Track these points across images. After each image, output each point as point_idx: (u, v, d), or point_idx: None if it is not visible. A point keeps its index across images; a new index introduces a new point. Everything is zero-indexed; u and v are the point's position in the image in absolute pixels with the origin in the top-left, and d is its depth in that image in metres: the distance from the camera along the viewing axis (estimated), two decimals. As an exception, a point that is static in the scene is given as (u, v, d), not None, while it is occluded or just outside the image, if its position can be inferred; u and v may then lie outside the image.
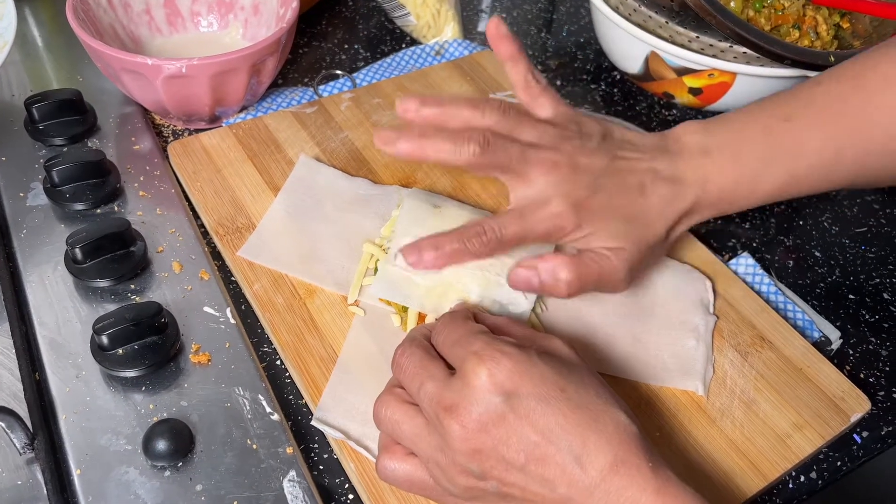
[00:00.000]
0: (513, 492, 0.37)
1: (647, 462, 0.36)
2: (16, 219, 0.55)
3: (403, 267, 0.48)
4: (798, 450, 0.46)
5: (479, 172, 0.47)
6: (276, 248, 0.54)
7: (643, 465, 0.36)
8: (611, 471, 0.36)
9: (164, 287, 0.51)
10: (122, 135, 0.61)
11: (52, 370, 0.46)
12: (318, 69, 0.73)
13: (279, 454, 0.44)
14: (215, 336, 0.49)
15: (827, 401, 0.49)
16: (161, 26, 0.67)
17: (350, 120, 0.64)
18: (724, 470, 0.45)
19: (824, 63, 0.60)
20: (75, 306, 0.50)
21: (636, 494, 0.35)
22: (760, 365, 0.50)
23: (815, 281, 0.59)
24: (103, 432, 0.44)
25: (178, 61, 0.55)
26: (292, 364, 0.48)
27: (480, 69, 0.71)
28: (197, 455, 0.43)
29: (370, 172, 0.60)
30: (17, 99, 0.63)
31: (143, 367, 0.46)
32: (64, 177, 0.54)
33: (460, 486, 0.38)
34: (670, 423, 0.47)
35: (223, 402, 0.46)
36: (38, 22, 0.72)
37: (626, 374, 0.49)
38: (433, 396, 0.38)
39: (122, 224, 0.51)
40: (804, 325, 0.55)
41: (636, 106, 0.73)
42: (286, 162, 0.60)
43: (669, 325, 0.52)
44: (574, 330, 0.51)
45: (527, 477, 0.37)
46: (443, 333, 0.42)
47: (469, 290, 0.49)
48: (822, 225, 0.64)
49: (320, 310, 0.51)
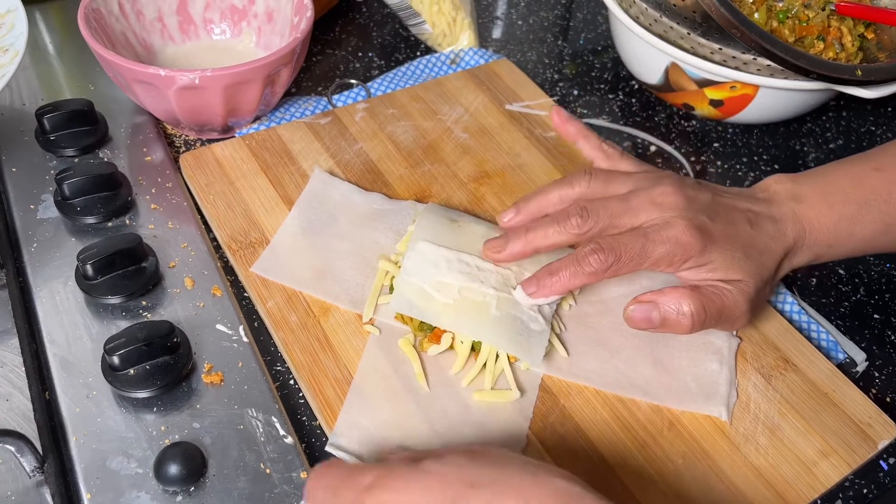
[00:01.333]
0: None
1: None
2: (26, 232, 0.54)
3: (521, 300, 0.48)
4: (825, 478, 0.45)
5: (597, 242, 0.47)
6: (289, 264, 0.53)
7: None
8: None
9: (175, 303, 0.50)
10: (133, 145, 0.61)
11: (62, 390, 0.46)
12: (332, 77, 0.72)
13: (293, 479, 0.43)
14: (228, 355, 0.48)
15: (853, 427, 0.48)
16: (173, 34, 0.66)
17: (365, 131, 0.63)
18: (748, 499, 0.44)
19: (850, 77, 0.58)
20: (86, 323, 0.49)
21: None
22: (785, 389, 0.49)
23: (838, 300, 0.58)
24: (114, 455, 0.43)
25: (192, 72, 0.54)
26: (307, 385, 0.47)
27: (496, 78, 0.70)
28: (209, 479, 0.42)
29: (385, 185, 0.59)
30: (28, 108, 0.62)
31: (154, 388, 0.45)
32: (75, 190, 0.54)
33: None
34: (693, 450, 0.46)
35: (236, 423, 0.45)
36: (49, 29, 0.71)
37: (648, 397, 0.48)
38: None
39: (134, 240, 0.50)
40: (828, 346, 0.54)
41: (655, 117, 0.72)
42: (300, 174, 0.59)
43: (691, 348, 0.51)
44: (594, 353, 0.50)
45: None
46: None
47: (489, 306, 0.48)
48: (845, 241, 0.62)
49: (335, 328, 0.50)
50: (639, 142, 0.69)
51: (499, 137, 0.64)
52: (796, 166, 0.68)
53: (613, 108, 0.73)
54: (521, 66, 0.72)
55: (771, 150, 0.70)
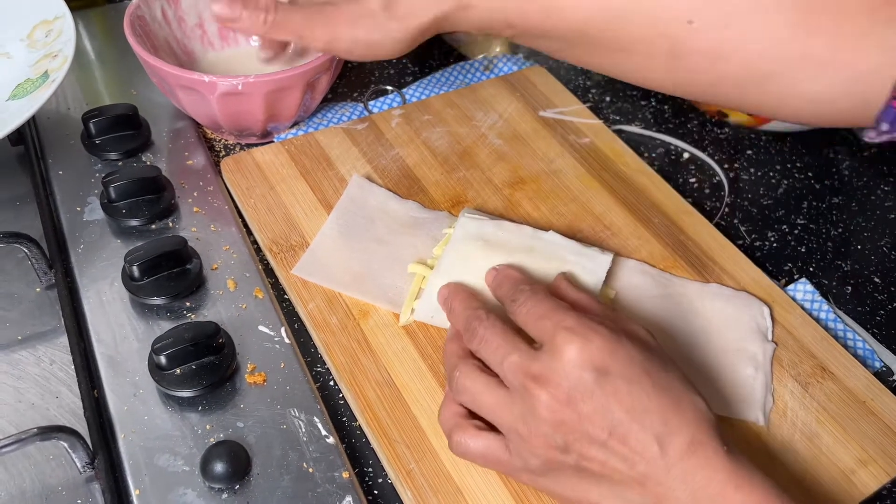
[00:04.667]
0: (592, 466, 0.38)
1: (722, 446, 0.37)
2: (73, 233, 0.55)
3: None
4: (863, 487, 0.45)
5: None
6: (329, 266, 0.53)
7: (719, 449, 0.37)
8: (688, 451, 0.37)
9: (219, 305, 0.51)
10: (175, 149, 0.62)
11: (110, 388, 0.47)
12: (367, 83, 0.73)
13: (335, 478, 0.44)
14: (270, 356, 0.49)
15: (892, 435, 0.48)
16: (213, 40, 0.68)
17: (401, 137, 0.64)
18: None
19: (888, 85, 0.58)
20: (132, 323, 0.50)
21: (710, 475, 0.37)
22: (822, 397, 0.49)
23: (874, 308, 0.58)
24: (161, 452, 0.44)
25: (235, 79, 0.56)
26: (347, 387, 0.48)
27: (530, 85, 0.70)
28: (254, 478, 0.43)
29: (421, 191, 0.60)
30: (73, 112, 0.64)
31: (200, 387, 0.46)
32: (121, 193, 0.55)
33: (541, 457, 0.39)
34: (730, 456, 0.46)
35: (279, 423, 0.46)
36: (90, 35, 0.73)
37: (684, 403, 0.48)
38: (520, 367, 0.39)
39: (180, 242, 0.51)
40: (865, 354, 0.54)
41: (687, 124, 0.72)
42: (338, 179, 0.60)
43: (726, 353, 0.51)
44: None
45: (608, 452, 0.38)
46: (526, 306, 0.42)
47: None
48: (881, 249, 0.62)
49: (374, 330, 0.50)
50: (672, 148, 0.70)
51: (533, 144, 0.65)
52: (830, 174, 0.68)
53: (646, 115, 0.73)
54: (554, 72, 0.73)
55: (805, 158, 0.70)
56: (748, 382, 0.50)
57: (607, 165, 0.63)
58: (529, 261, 0.51)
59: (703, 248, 0.58)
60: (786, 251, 0.61)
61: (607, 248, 0.56)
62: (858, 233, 0.64)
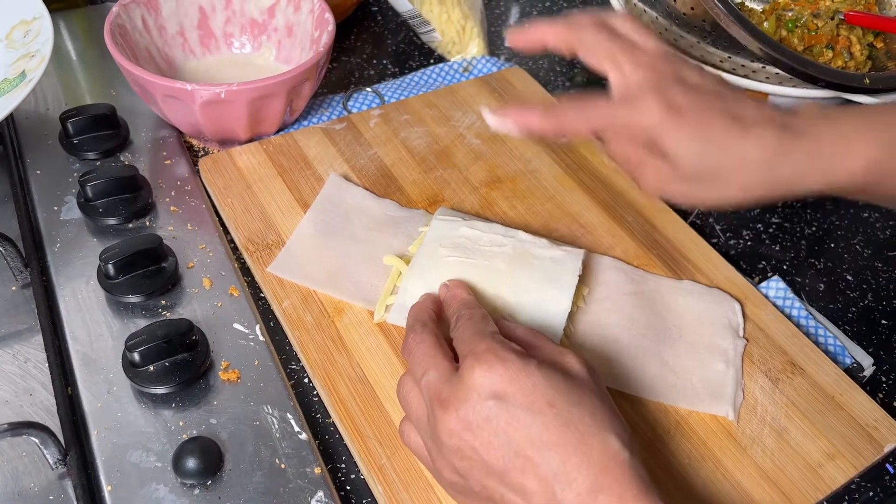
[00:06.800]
0: (493, 496, 0.37)
1: (632, 491, 0.35)
2: (50, 232, 0.55)
3: (489, 121, 0.48)
4: (830, 480, 0.46)
5: None
6: (305, 264, 0.54)
7: (625, 494, 0.35)
8: (589, 496, 0.35)
9: (194, 303, 0.52)
10: (154, 149, 0.62)
11: (84, 385, 0.47)
12: (347, 84, 0.73)
13: (307, 474, 0.44)
14: (244, 353, 0.49)
15: (860, 430, 0.48)
16: (194, 48, 0.68)
17: (379, 137, 0.64)
18: (754, 500, 0.45)
19: (859, 85, 0.59)
20: (107, 321, 0.50)
21: None
22: (792, 392, 0.50)
23: (846, 305, 0.59)
24: (134, 448, 0.44)
25: (218, 86, 0.56)
26: (320, 383, 0.48)
27: (509, 86, 0.71)
28: (226, 474, 0.44)
29: (398, 189, 0.60)
30: (53, 112, 0.64)
31: (173, 384, 0.46)
32: (97, 192, 0.55)
33: (445, 479, 0.40)
34: (700, 450, 0.47)
35: (252, 420, 0.46)
36: (71, 36, 0.73)
37: (655, 397, 0.49)
38: (432, 387, 0.39)
39: (155, 240, 0.52)
40: (836, 350, 0.55)
41: (665, 124, 0.73)
42: (315, 178, 0.60)
43: (698, 349, 0.52)
44: (602, 351, 0.51)
45: (505, 485, 0.37)
46: (458, 329, 0.42)
47: (499, 312, 0.49)
48: (854, 248, 0.63)
49: (348, 328, 0.51)
50: (649, 149, 0.70)
51: (510, 143, 0.65)
52: (805, 173, 0.69)
53: (624, 116, 0.73)
54: (533, 73, 0.74)
55: (780, 158, 0.70)
56: (719, 378, 0.50)
57: (584, 165, 0.64)
58: (501, 260, 0.51)
59: (678, 245, 0.58)
60: (760, 249, 0.62)
61: (582, 245, 0.56)
62: (832, 231, 0.64)
